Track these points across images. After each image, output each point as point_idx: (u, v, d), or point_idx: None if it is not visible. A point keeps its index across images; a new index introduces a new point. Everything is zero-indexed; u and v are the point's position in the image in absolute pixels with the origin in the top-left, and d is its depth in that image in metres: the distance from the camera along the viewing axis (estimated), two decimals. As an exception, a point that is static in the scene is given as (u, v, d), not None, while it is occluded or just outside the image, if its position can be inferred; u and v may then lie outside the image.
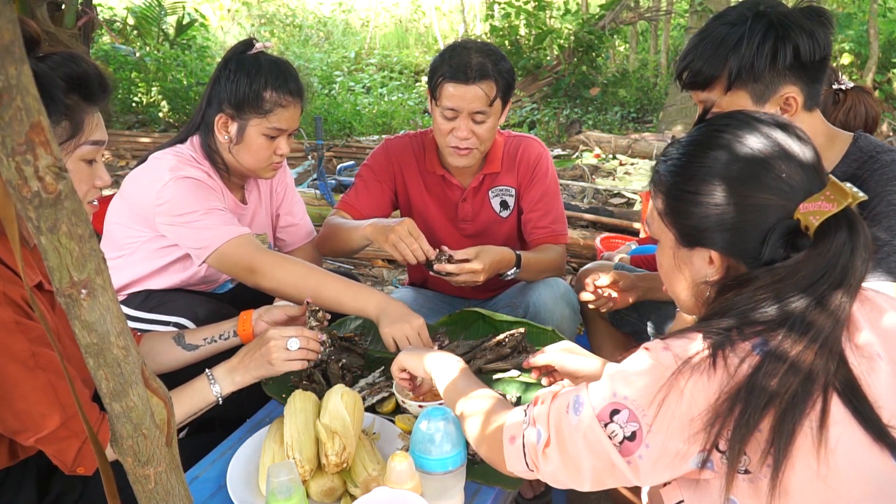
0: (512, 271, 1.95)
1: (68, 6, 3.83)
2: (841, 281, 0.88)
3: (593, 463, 0.94)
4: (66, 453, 1.20)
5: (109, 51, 8.62)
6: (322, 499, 1.30)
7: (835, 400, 0.86)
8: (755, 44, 1.34)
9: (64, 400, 1.19)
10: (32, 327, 1.18)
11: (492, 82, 1.89)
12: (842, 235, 0.88)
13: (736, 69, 1.36)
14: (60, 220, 0.51)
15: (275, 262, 1.73)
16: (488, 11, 10.00)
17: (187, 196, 1.74)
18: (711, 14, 8.01)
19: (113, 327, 0.59)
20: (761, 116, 0.99)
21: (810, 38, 1.33)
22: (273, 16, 12.84)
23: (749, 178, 0.93)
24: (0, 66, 0.44)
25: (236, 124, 1.82)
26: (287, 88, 1.81)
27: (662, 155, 1.05)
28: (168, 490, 0.72)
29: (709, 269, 1.00)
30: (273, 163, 1.89)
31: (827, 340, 0.87)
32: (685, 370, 0.87)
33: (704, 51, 1.40)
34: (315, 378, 1.69)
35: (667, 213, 1.02)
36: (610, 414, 0.92)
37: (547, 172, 2.14)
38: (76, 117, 1.23)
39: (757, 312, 0.89)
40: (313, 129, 5.18)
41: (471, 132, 1.94)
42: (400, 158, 2.15)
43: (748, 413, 0.84)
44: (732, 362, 0.87)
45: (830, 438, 0.85)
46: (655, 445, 0.89)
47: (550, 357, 1.51)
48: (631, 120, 8.94)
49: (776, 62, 1.34)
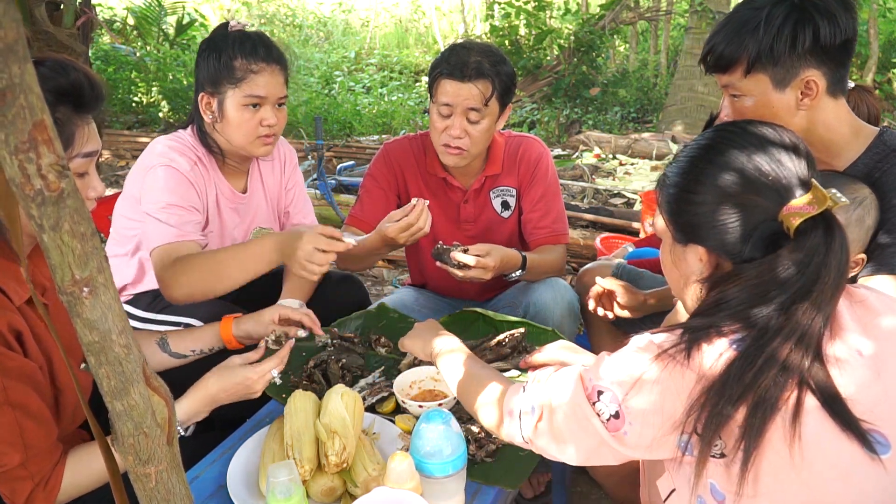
0: (517, 273, 1.95)
1: (67, 6, 3.82)
2: (815, 280, 0.92)
3: (583, 439, 1.02)
4: (18, 494, 1.16)
5: (109, 51, 8.60)
6: (322, 499, 1.30)
7: (807, 394, 0.90)
8: (775, 27, 1.33)
9: (28, 439, 1.15)
10: (10, 358, 1.14)
11: (488, 82, 1.89)
12: (817, 236, 0.92)
13: (755, 52, 1.35)
14: (63, 218, 0.51)
15: (175, 276, 1.66)
16: (488, 11, 10.00)
17: (157, 185, 1.72)
18: (711, 14, 7.99)
19: (114, 326, 0.59)
20: (764, 126, 1.04)
21: (831, 21, 1.32)
22: (273, 16, 12.83)
23: (741, 180, 0.98)
24: (3, 65, 0.44)
25: (216, 100, 1.80)
26: (256, 54, 1.77)
27: (674, 157, 1.12)
28: (169, 489, 0.72)
29: (700, 266, 1.05)
30: (261, 136, 1.83)
31: (804, 337, 0.91)
32: (661, 359, 0.94)
33: (727, 34, 1.39)
34: (315, 378, 1.69)
35: (667, 212, 1.08)
36: (597, 394, 1.00)
37: (547, 172, 2.14)
38: (66, 131, 1.17)
39: (738, 309, 0.94)
40: (313, 129, 5.18)
41: (464, 131, 1.93)
42: (400, 162, 2.14)
43: (721, 404, 0.90)
44: (708, 356, 0.92)
45: (802, 429, 0.89)
46: (635, 426, 0.96)
47: (548, 356, 1.51)
48: (631, 120, 8.94)
49: (796, 45, 1.33)
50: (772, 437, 0.90)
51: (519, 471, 1.40)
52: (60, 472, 1.21)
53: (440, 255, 1.83)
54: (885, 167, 1.38)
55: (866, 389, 0.93)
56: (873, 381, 0.94)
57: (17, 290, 1.20)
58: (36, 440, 1.17)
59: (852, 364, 0.94)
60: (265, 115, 1.81)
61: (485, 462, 1.41)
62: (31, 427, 1.15)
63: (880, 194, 1.38)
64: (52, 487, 1.19)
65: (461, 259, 1.80)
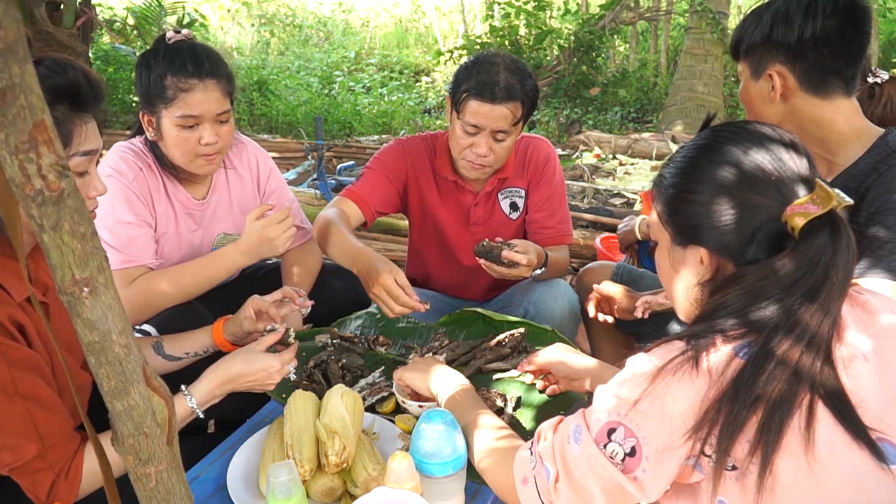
0: (540, 270, 1.95)
1: (67, 6, 3.83)
2: (823, 281, 0.90)
3: (602, 486, 0.96)
4: (40, 486, 1.15)
5: (109, 51, 8.60)
6: (322, 499, 1.30)
7: (818, 399, 0.88)
8: (757, 17, 1.44)
9: (42, 429, 1.14)
10: (15, 349, 1.13)
11: (518, 103, 1.86)
12: (823, 236, 0.90)
13: (737, 40, 1.50)
14: (63, 218, 0.51)
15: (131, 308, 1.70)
16: (488, 11, 10.00)
17: (106, 199, 1.66)
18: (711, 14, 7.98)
19: (115, 326, 0.59)
20: (762, 126, 1.03)
21: (805, 17, 1.37)
22: (273, 16, 12.84)
23: (742, 179, 0.96)
24: (4, 65, 0.44)
25: (154, 119, 1.74)
26: (186, 71, 1.68)
27: (668, 158, 1.09)
28: (169, 489, 0.72)
29: (700, 268, 1.02)
30: (201, 155, 1.75)
31: (813, 340, 0.88)
32: (665, 374, 0.90)
33: (741, 23, 1.51)
34: (315, 378, 1.69)
35: (664, 213, 1.06)
36: (607, 434, 0.94)
37: (555, 173, 2.14)
38: (63, 129, 1.15)
39: (742, 313, 0.92)
40: (313, 129, 5.18)
41: (490, 150, 1.91)
42: (415, 160, 2.12)
43: (735, 412, 0.86)
44: (716, 364, 0.89)
45: (815, 436, 0.87)
46: (652, 454, 0.91)
47: (545, 359, 1.51)
48: (631, 120, 8.94)
49: (766, 38, 1.43)
50: (788, 444, 0.86)
51: (519, 471, 1.40)
52: (80, 460, 1.19)
53: (488, 252, 1.79)
54: (883, 168, 1.39)
55: (874, 396, 0.91)
56: (880, 387, 0.92)
57: (18, 287, 1.19)
58: (51, 430, 1.15)
59: (858, 368, 0.92)
60: (203, 134, 1.73)
61: (485, 462, 1.40)
62: (44, 417, 1.14)
63: (877, 192, 1.38)
64: (73, 476, 1.18)
65: (514, 258, 1.78)
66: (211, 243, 2.00)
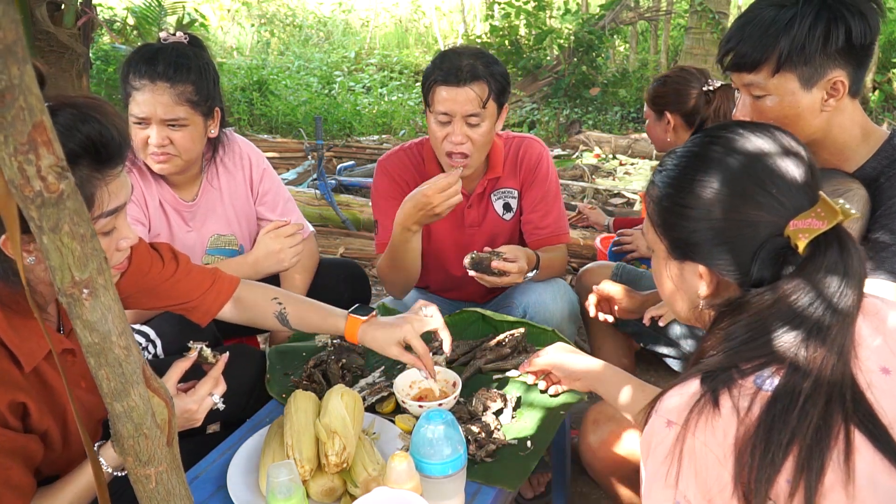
0: (532, 273, 1.95)
1: (68, 6, 3.82)
2: (837, 302, 0.84)
3: None
4: None
5: (109, 51, 8.59)
6: (322, 499, 1.30)
7: (854, 427, 0.83)
8: (807, 25, 1.31)
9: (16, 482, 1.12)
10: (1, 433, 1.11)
11: (483, 83, 1.88)
12: (833, 255, 0.85)
13: (787, 51, 1.33)
14: (62, 219, 0.51)
15: None
16: (488, 11, 9.99)
17: None
18: (711, 14, 7.98)
19: (114, 327, 0.59)
20: (757, 129, 0.97)
21: (862, 21, 1.31)
22: (273, 16, 12.82)
23: (740, 193, 0.91)
24: (3, 66, 0.44)
25: None
26: (139, 71, 1.69)
27: (659, 165, 1.03)
28: (169, 490, 0.72)
29: (699, 283, 0.97)
30: (150, 153, 1.76)
31: (835, 366, 0.83)
32: (690, 425, 0.84)
33: (752, 33, 1.37)
34: (315, 378, 1.69)
35: (659, 224, 1.01)
36: None
37: (548, 172, 2.14)
38: (85, 191, 1.04)
39: (756, 344, 0.86)
40: (313, 129, 5.17)
41: (465, 136, 1.91)
42: (401, 174, 2.12)
43: (771, 452, 0.80)
44: (740, 403, 0.83)
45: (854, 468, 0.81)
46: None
47: (546, 360, 1.51)
48: (631, 120, 8.93)
49: (828, 44, 1.31)
50: (829, 479, 0.80)
51: (519, 471, 1.40)
52: None
53: (478, 264, 1.81)
54: (891, 172, 1.37)
55: None
56: None
57: (34, 349, 1.14)
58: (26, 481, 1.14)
59: (880, 385, 0.86)
60: (150, 135, 1.74)
61: (485, 462, 1.41)
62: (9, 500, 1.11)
63: (885, 197, 1.37)
64: None
65: (503, 267, 1.80)
66: (205, 244, 2.01)
